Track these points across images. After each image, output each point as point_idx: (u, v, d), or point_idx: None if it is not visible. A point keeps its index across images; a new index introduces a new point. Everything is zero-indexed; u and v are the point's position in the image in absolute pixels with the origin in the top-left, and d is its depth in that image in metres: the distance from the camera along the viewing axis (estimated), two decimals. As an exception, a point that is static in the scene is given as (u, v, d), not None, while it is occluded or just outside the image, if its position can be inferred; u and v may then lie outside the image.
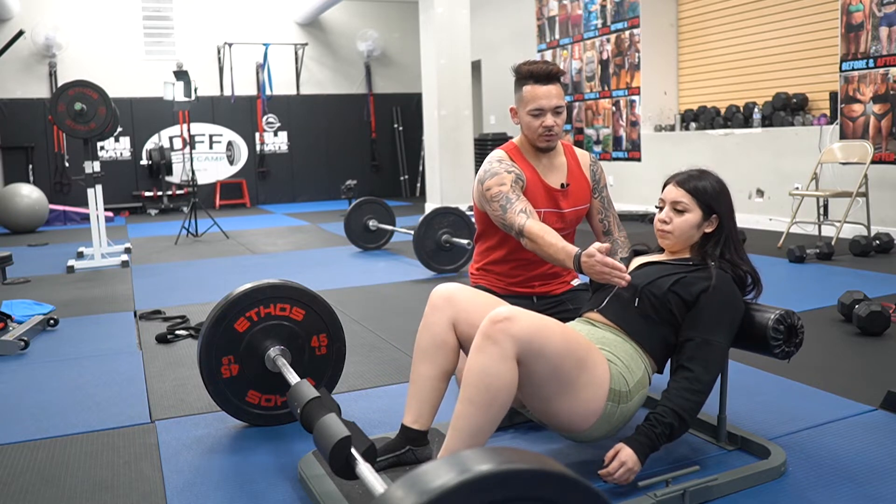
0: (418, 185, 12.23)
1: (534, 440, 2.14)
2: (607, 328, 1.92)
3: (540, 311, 2.46)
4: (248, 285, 2.27)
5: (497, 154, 2.43)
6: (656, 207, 2.05)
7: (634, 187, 8.23)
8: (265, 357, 2.25)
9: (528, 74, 2.36)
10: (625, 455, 1.72)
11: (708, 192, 1.95)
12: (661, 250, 2.08)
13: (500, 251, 2.46)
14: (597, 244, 1.90)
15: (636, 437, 1.75)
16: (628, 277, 1.84)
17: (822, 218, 5.79)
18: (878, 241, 5.06)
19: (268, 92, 11.50)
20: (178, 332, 3.49)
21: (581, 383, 1.72)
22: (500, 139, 9.33)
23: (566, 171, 2.47)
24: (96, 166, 5.96)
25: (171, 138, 10.99)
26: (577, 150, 2.55)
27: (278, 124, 11.71)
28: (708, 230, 1.97)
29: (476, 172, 2.51)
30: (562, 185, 2.43)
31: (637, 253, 2.17)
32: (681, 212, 1.96)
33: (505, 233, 2.41)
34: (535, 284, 2.47)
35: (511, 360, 1.62)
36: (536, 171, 2.41)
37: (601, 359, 1.78)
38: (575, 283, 2.53)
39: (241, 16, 11.36)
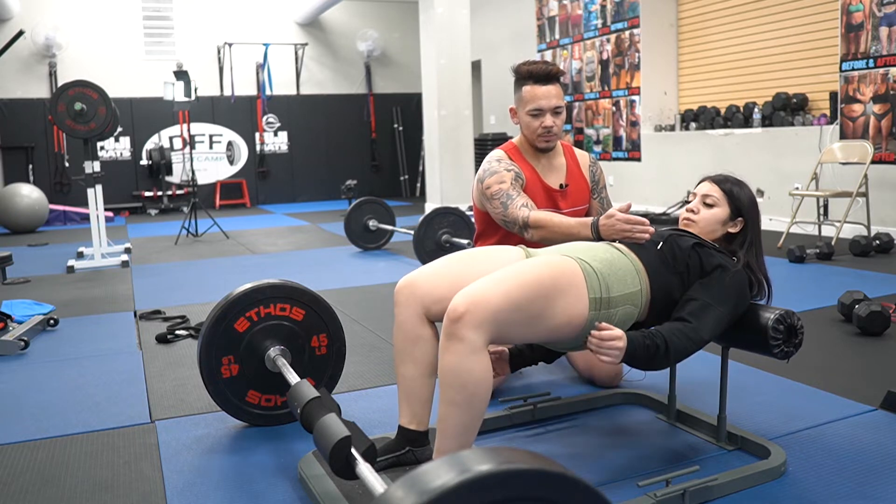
0: (418, 185, 12.23)
1: (534, 440, 2.14)
2: (617, 250, 1.87)
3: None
4: (248, 285, 2.27)
5: (496, 154, 2.44)
6: (684, 201, 2.07)
7: (634, 187, 8.23)
8: (265, 357, 2.25)
9: (528, 75, 2.36)
10: (619, 331, 1.66)
11: (740, 198, 1.99)
12: None
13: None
14: (616, 205, 1.91)
15: (629, 332, 1.71)
16: (651, 229, 1.86)
17: (822, 218, 5.79)
18: (878, 241, 5.06)
19: (268, 92, 11.50)
20: (178, 332, 3.49)
21: (558, 309, 1.69)
22: (500, 139, 9.33)
23: (565, 172, 2.47)
24: (96, 166, 5.96)
25: (171, 138, 11.00)
26: (577, 151, 2.55)
27: (278, 124, 11.71)
28: (732, 230, 1.99)
29: (476, 172, 2.52)
30: (560, 186, 2.44)
31: None
32: (710, 206, 1.99)
33: (505, 232, 2.41)
34: None
35: (480, 352, 1.60)
36: (536, 171, 2.41)
37: (569, 271, 1.73)
38: None
39: (241, 16, 11.36)
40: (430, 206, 8.17)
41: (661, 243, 1.90)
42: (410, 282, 1.87)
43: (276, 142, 11.74)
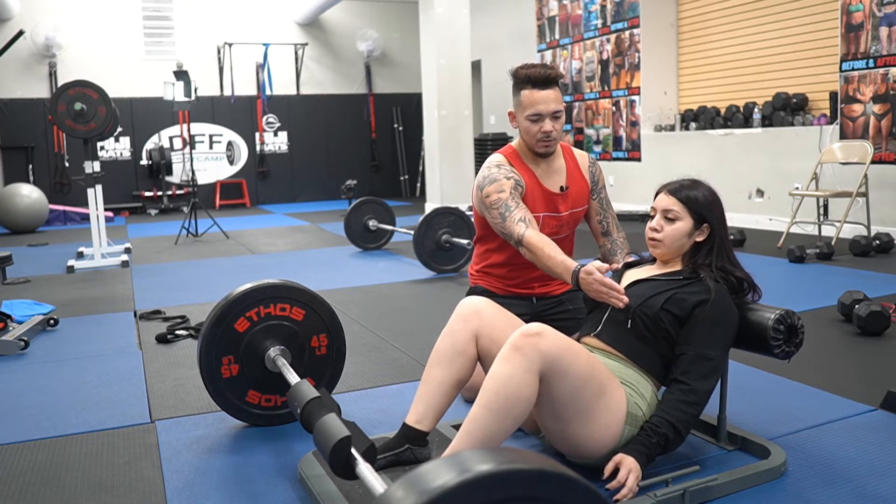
0: (418, 185, 12.23)
1: (534, 441, 2.14)
2: (605, 353, 1.92)
3: (540, 311, 2.48)
4: (248, 285, 2.27)
5: (496, 158, 2.41)
6: (648, 216, 2.05)
7: (634, 187, 8.23)
8: (265, 357, 2.25)
9: (526, 79, 2.33)
10: (629, 462, 1.70)
11: (699, 202, 1.94)
12: (654, 260, 2.07)
13: (500, 254, 2.45)
14: (596, 262, 1.92)
15: (633, 447, 1.74)
16: (626, 299, 1.87)
17: (822, 218, 5.79)
18: (878, 241, 5.06)
19: (268, 92, 11.50)
20: (178, 332, 3.49)
21: (600, 408, 1.74)
22: (500, 139, 9.33)
23: (565, 174, 2.46)
24: (96, 166, 5.96)
25: (171, 138, 11.00)
26: (576, 151, 2.54)
27: (278, 124, 11.71)
28: (699, 239, 1.96)
29: (476, 173, 2.51)
30: (561, 189, 2.42)
31: (628, 266, 2.14)
32: (672, 220, 1.95)
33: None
34: (534, 285, 2.47)
35: (534, 374, 1.64)
36: (535, 176, 2.40)
37: (619, 385, 1.80)
38: None
39: (241, 16, 11.36)
40: (430, 206, 8.17)
41: (630, 322, 1.89)
42: (479, 307, 1.93)
43: (275, 142, 11.74)
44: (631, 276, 2.05)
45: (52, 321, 3.75)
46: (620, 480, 1.68)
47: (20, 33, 6.24)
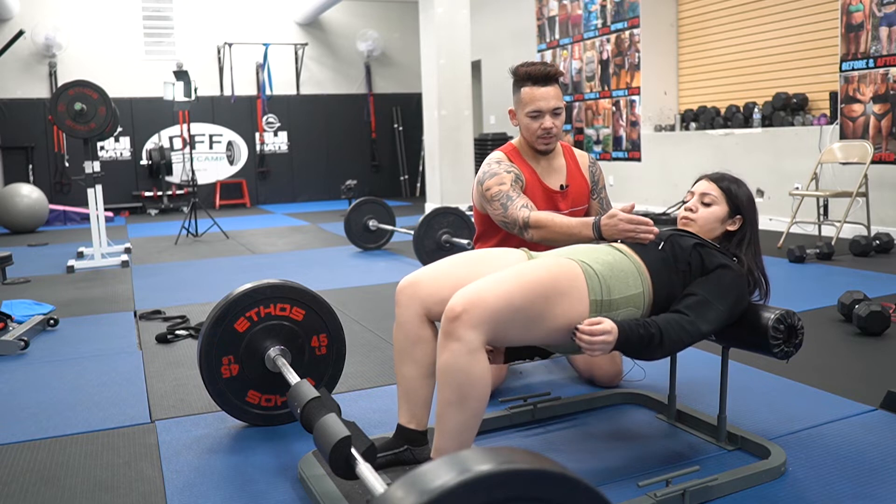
0: (418, 185, 12.23)
1: (534, 441, 2.14)
2: (619, 252, 1.87)
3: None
4: (248, 285, 2.27)
5: (496, 156, 2.43)
6: (682, 201, 2.06)
7: (634, 187, 8.23)
8: (265, 357, 2.25)
9: (526, 76, 2.35)
10: (608, 324, 1.66)
11: (738, 196, 1.99)
12: None
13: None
14: (618, 205, 1.92)
15: (617, 319, 1.70)
16: (655, 230, 1.86)
17: (822, 218, 5.79)
18: (878, 241, 5.06)
19: (268, 92, 11.50)
20: (178, 332, 3.49)
21: (558, 311, 1.68)
22: (500, 139, 9.33)
23: (565, 173, 2.46)
24: (96, 166, 5.96)
25: (171, 138, 11.00)
26: (576, 151, 2.55)
27: (278, 124, 11.71)
28: (731, 228, 1.99)
29: (476, 172, 2.52)
30: (561, 187, 2.43)
31: None
32: (708, 205, 1.99)
33: (505, 234, 2.40)
34: None
35: (478, 352, 1.60)
36: (536, 173, 2.41)
37: (570, 273, 1.73)
38: None
39: (241, 16, 11.36)
40: (430, 206, 8.17)
41: (662, 243, 1.90)
42: (413, 282, 1.86)
43: (276, 142, 11.74)
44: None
45: (52, 321, 3.75)
46: (593, 326, 1.64)
47: (20, 33, 6.25)
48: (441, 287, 1.82)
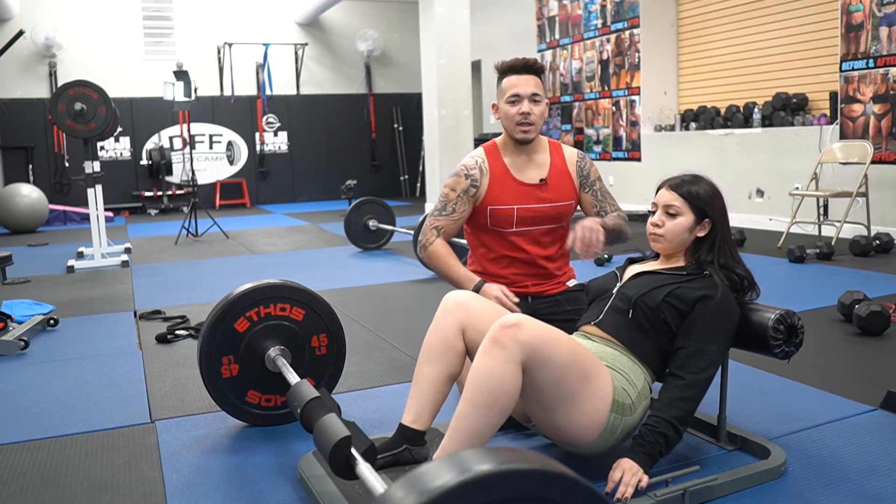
0: (418, 185, 12.23)
1: (534, 441, 2.14)
2: (605, 342, 1.92)
3: (536, 311, 2.47)
4: (248, 285, 2.27)
5: (476, 152, 2.49)
6: (649, 212, 2.05)
7: (634, 187, 8.23)
8: (265, 357, 2.25)
9: (508, 68, 2.41)
10: (624, 463, 1.70)
11: (701, 197, 1.95)
12: (656, 256, 2.07)
13: (494, 251, 2.45)
14: (503, 287, 2.21)
15: (632, 449, 1.74)
16: (516, 309, 2.07)
17: (822, 218, 5.79)
18: (878, 241, 5.06)
19: (268, 92, 11.50)
20: (178, 332, 3.49)
21: (585, 395, 1.73)
22: (500, 139, 9.31)
23: (548, 167, 2.45)
24: (96, 166, 5.96)
25: (171, 138, 11.00)
26: (566, 148, 2.53)
27: (278, 124, 11.71)
28: (700, 234, 1.96)
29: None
30: (541, 181, 2.42)
31: (631, 261, 2.15)
32: (673, 215, 1.96)
33: (497, 232, 2.41)
34: (528, 284, 2.45)
35: (516, 365, 1.63)
36: (507, 168, 2.41)
37: (605, 371, 1.79)
38: (570, 283, 2.51)
39: (241, 16, 11.36)
40: (430, 206, 8.17)
41: (631, 312, 1.89)
42: (463, 300, 1.94)
43: (276, 142, 11.74)
44: (634, 269, 2.05)
45: (52, 321, 3.75)
46: (614, 479, 1.68)
47: (20, 33, 6.24)
48: (487, 315, 1.89)
